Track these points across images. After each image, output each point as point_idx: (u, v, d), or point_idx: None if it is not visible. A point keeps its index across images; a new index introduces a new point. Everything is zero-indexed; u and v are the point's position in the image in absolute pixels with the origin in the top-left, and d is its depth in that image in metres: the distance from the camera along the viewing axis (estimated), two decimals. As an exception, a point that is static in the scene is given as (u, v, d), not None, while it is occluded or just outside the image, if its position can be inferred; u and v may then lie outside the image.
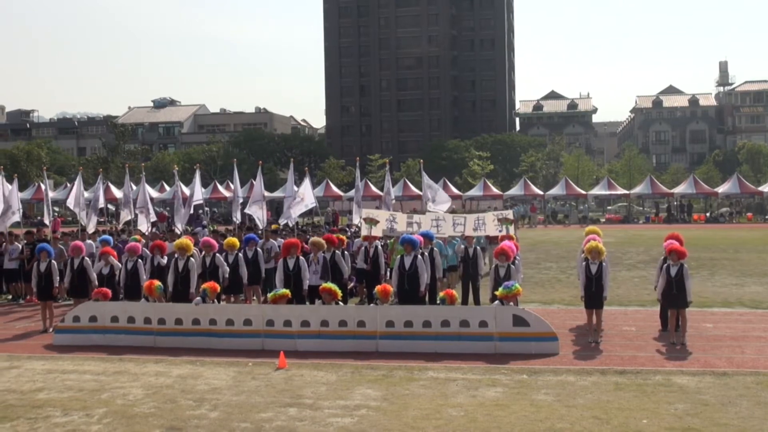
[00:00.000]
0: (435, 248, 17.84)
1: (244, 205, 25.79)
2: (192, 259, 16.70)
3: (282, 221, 22.81)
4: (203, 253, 17.69)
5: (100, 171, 33.51)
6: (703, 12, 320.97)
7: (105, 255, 17.10)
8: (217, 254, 17.50)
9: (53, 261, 17.47)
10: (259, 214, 22.62)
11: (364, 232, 19.50)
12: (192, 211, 26.41)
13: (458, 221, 19.14)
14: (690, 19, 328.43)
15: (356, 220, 26.13)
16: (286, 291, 14.90)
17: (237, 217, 25.47)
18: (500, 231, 19.00)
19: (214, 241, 18.00)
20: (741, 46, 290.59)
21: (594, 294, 14.66)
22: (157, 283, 15.47)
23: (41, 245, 18.13)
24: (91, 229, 24.51)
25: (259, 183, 22.96)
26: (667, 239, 15.81)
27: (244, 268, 17.70)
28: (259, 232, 22.32)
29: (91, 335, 15.06)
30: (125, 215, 25.97)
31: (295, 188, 23.62)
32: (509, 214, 19.71)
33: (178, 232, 23.87)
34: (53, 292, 17.29)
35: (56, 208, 64.48)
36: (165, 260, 17.46)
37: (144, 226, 24.88)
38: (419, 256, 15.94)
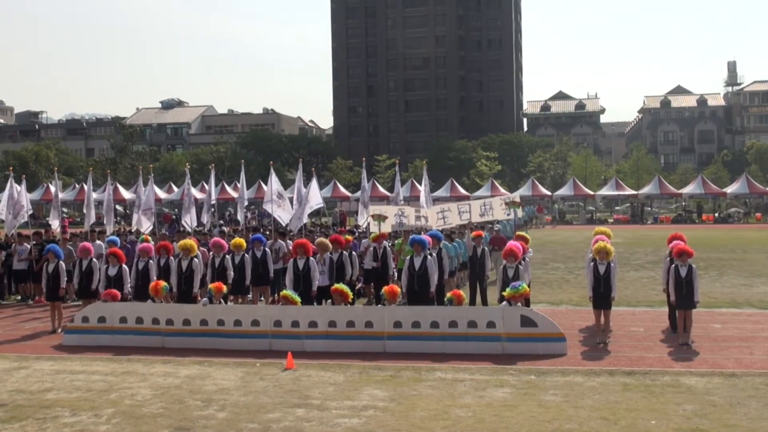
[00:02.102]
0: (443, 248, 17.82)
1: (256, 206, 25.82)
2: (195, 259, 16.74)
3: (294, 226, 22.78)
4: (212, 253, 17.71)
5: (109, 172, 33.63)
6: (712, 12, 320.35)
7: (112, 256, 17.08)
8: (227, 255, 17.52)
9: (62, 262, 17.51)
10: (278, 212, 22.57)
11: (373, 229, 19.50)
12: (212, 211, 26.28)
13: (463, 209, 19.13)
14: (698, 18, 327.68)
15: (361, 222, 26.10)
16: (298, 301, 14.84)
17: (241, 218, 25.45)
18: (508, 214, 18.97)
19: (224, 242, 18.02)
20: (750, 45, 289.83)
21: (602, 294, 14.63)
22: (163, 283, 15.52)
23: (50, 246, 18.18)
24: (110, 230, 24.62)
25: (272, 182, 22.93)
26: (670, 239, 15.78)
27: (249, 269, 17.69)
28: (267, 232, 22.34)
29: (99, 336, 15.10)
30: (138, 218, 26.00)
31: (303, 190, 23.61)
32: (516, 197, 19.67)
33: (190, 231, 23.89)
34: (60, 292, 17.33)
35: (65, 209, 64.69)
36: (173, 261, 17.45)
37: (145, 227, 24.88)
38: (429, 257, 15.92)
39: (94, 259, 17.62)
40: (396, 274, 18.55)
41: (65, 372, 12.95)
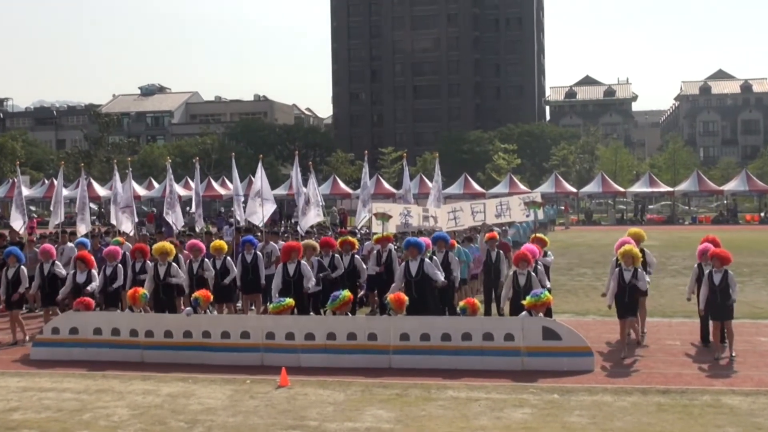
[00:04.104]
0: (451, 252, 17.76)
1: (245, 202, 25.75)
2: (175, 264, 16.74)
3: (307, 224, 22.91)
4: (190, 258, 17.67)
5: (82, 165, 33.66)
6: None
7: (80, 261, 17.06)
8: (206, 259, 17.50)
9: (23, 267, 17.47)
10: (259, 212, 22.67)
11: (375, 229, 19.43)
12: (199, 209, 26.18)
13: (477, 209, 19.12)
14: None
15: (359, 222, 26.12)
16: (290, 301, 14.89)
17: (240, 216, 25.50)
18: (527, 215, 18.91)
19: (202, 245, 17.99)
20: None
21: (627, 304, 14.65)
22: (142, 291, 15.50)
23: (9, 249, 18.16)
24: (85, 230, 24.67)
25: (259, 178, 22.99)
26: (702, 243, 15.78)
27: (234, 273, 17.68)
28: (258, 234, 22.36)
29: (71, 349, 15.13)
30: (119, 217, 26.06)
31: (304, 189, 23.64)
32: (537, 196, 19.58)
33: (177, 232, 23.93)
34: (14, 297, 17.17)
35: (32, 208, 64.83)
36: (150, 265, 17.41)
37: (127, 227, 24.96)
38: (426, 260, 15.86)
39: (57, 263, 17.63)
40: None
41: (33, 389, 12.98)
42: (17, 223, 25.23)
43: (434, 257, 16.57)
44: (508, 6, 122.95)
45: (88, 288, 16.51)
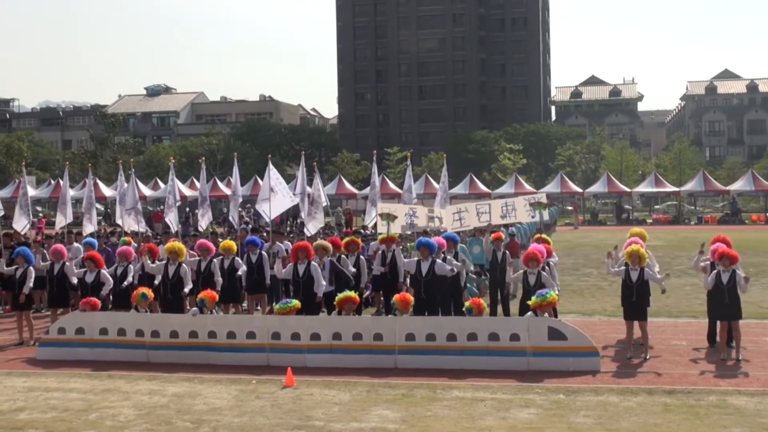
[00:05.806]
0: (459, 252, 17.79)
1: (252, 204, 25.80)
2: (184, 265, 16.78)
3: (312, 227, 22.93)
4: (199, 257, 17.71)
5: (89, 166, 33.72)
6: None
7: (89, 260, 17.09)
8: (214, 260, 17.53)
9: (31, 267, 17.50)
10: (264, 207, 22.69)
11: (381, 229, 19.43)
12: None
13: (482, 209, 19.13)
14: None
15: (369, 221, 26.15)
16: (297, 303, 14.91)
17: (234, 218, 25.53)
18: (532, 216, 18.92)
19: (211, 245, 18.02)
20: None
21: (634, 304, 14.62)
22: (141, 290, 15.51)
23: (19, 249, 18.20)
24: (91, 229, 24.72)
25: (268, 178, 23.01)
26: (713, 242, 15.75)
27: (242, 274, 17.71)
28: (265, 234, 22.41)
29: (77, 349, 15.16)
30: (126, 218, 26.11)
31: (309, 189, 23.61)
32: (542, 197, 19.63)
33: (173, 232, 23.97)
34: (21, 299, 17.23)
35: (39, 208, 64.96)
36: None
37: (137, 227, 25.01)
38: (438, 261, 15.88)
39: (67, 263, 17.66)
40: (409, 280, 18.56)
41: (39, 389, 13.01)
42: (20, 224, 24.88)
43: (447, 258, 16.56)
44: (514, 6, 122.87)
45: (102, 293, 16.60)
